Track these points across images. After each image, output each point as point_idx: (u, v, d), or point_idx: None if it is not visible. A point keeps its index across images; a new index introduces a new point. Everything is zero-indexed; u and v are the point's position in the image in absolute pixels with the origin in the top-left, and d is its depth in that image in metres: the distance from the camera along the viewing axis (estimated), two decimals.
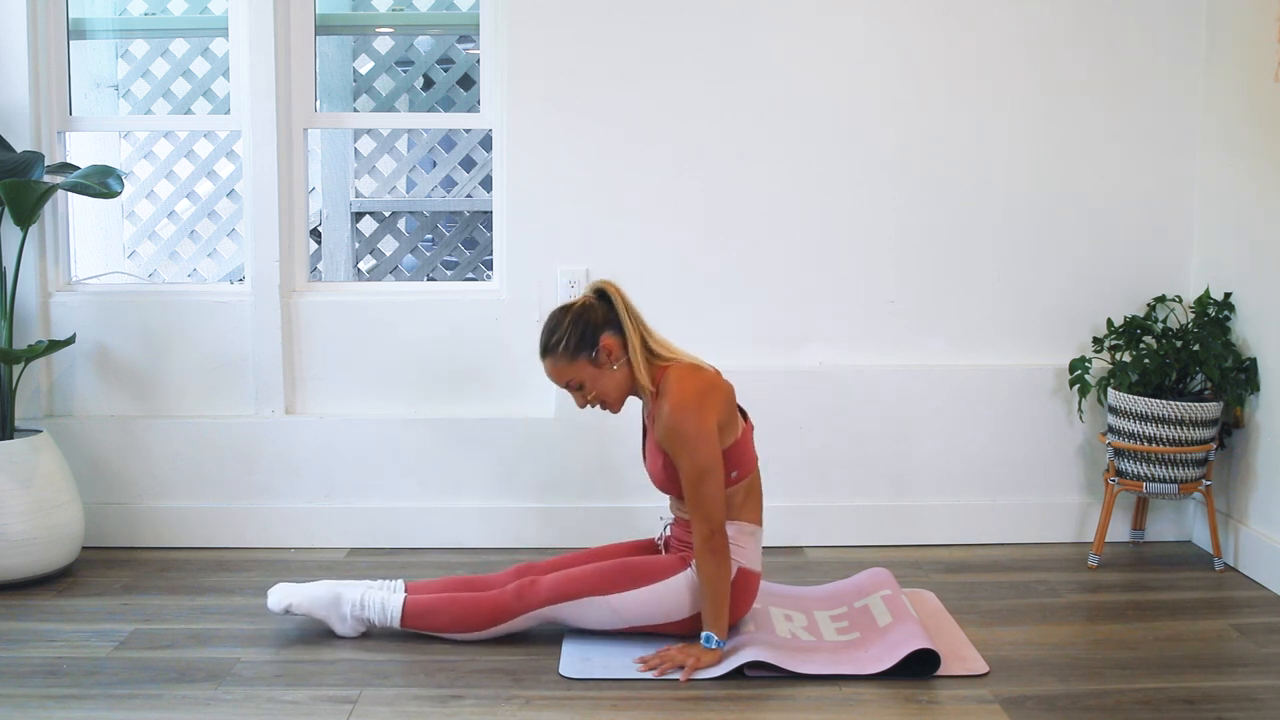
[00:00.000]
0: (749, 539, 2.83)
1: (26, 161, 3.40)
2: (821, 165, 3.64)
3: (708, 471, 2.67)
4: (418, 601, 2.87)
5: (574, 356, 2.76)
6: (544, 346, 2.79)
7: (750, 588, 2.83)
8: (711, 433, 2.69)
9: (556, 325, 2.78)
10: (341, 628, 2.91)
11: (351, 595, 2.90)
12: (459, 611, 2.85)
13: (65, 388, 3.70)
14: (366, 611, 2.88)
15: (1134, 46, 3.64)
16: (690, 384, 2.72)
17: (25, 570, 3.26)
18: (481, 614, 2.84)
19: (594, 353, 2.75)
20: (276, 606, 2.90)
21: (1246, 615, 3.11)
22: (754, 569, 2.83)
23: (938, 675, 2.70)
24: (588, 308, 2.78)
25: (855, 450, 3.69)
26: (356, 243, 6.18)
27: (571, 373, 2.78)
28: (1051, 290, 3.71)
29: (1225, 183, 3.56)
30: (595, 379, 2.78)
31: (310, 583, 2.95)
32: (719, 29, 3.59)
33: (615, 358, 2.76)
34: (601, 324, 2.76)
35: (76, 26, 3.83)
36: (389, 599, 2.88)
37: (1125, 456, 3.47)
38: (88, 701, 2.57)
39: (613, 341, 2.75)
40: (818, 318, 3.69)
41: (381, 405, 3.70)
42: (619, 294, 2.79)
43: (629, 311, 2.78)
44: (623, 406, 2.85)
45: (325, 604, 2.89)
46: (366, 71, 6.02)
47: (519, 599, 2.83)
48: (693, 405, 2.68)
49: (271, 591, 2.93)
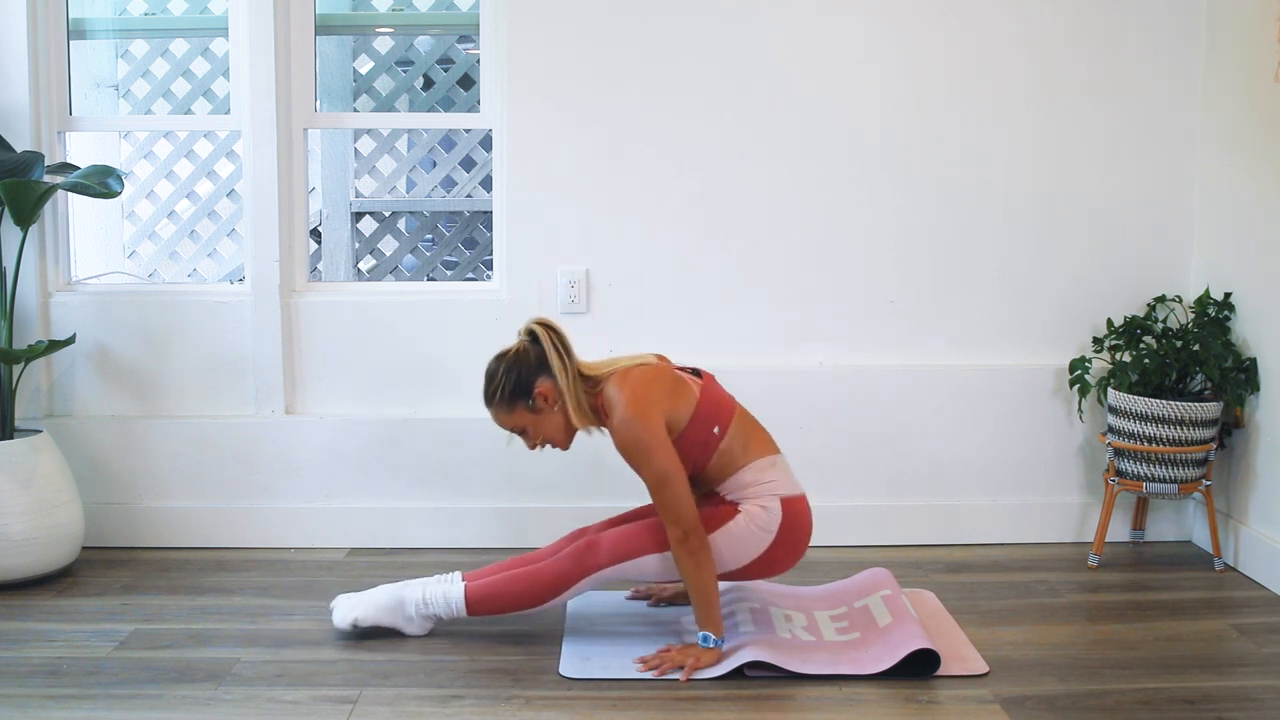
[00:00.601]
0: (772, 470, 2.83)
1: (26, 161, 3.40)
2: (822, 165, 3.65)
3: (667, 475, 2.67)
4: (479, 587, 2.86)
5: (512, 406, 2.79)
6: (485, 397, 2.82)
7: (803, 513, 2.83)
8: (660, 437, 2.69)
9: (493, 375, 2.80)
10: (410, 628, 2.90)
11: (413, 595, 2.89)
12: (521, 587, 2.83)
13: (65, 388, 3.70)
14: (431, 608, 2.87)
15: (1134, 46, 3.64)
16: (625, 394, 2.72)
17: (25, 570, 3.26)
18: (544, 585, 2.82)
19: (530, 400, 2.77)
20: (342, 622, 2.88)
21: (1246, 615, 3.11)
22: (796, 493, 2.84)
23: (938, 675, 2.70)
24: (520, 354, 2.79)
25: (855, 450, 3.69)
26: (356, 243, 6.18)
27: (513, 420, 2.81)
28: (1051, 290, 3.71)
29: (1225, 183, 3.56)
30: (537, 424, 2.81)
31: (368, 591, 2.93)
32: (719, 29, 3.59)
33: (552, 402, 2.78)
34: (535, 369, 2.77)
35: (76, 26, 3.83)
36: (450, 590, 2.87)
37: (1125, 456, 3.47)
38: (88, 701, 2.57)
39: (547, 386, 2.77)
40: (818, 318, 3.70)
41: (382, 405, 3.70)
42: (548, 334, 2.79)
43: (559, 351, 2.78)
44: (570, 443, 2.87)
45: (390, 610, 2.89)
46: (366, 71, 6.02)
47: (578, 564, 2.81)
48: (634, 414, 2.69)
49: (335, 607, 2.91)
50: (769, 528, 2.79)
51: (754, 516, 2.79)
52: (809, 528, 2.87)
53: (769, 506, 2.80)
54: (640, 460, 2.69)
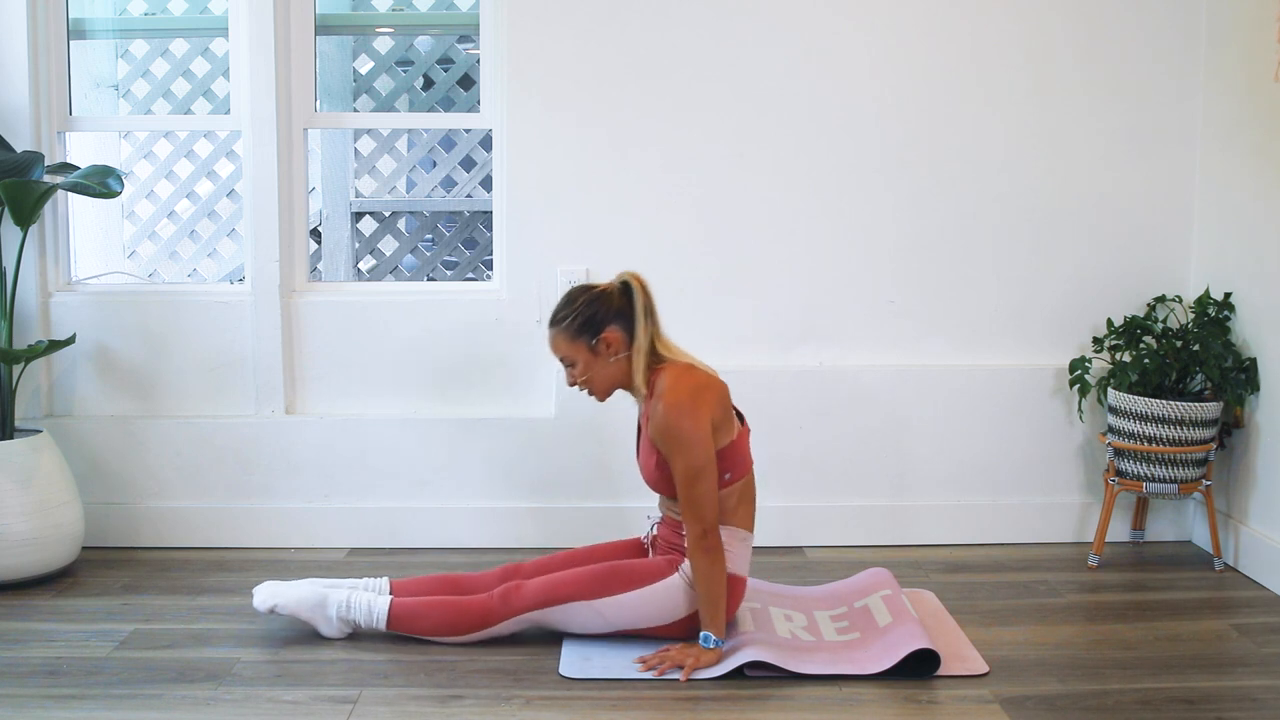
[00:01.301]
0: (740, 544, 2.82)
1: (26, 161, 3.40)
2: (822, 165, 3.65)
3: (701, 471, 2.67)
4: (404, 605, 2.86)
5: (575, 337, 2.78)
6: (552, 317, 2.82)
7: (736, 592, 2.82)
8: (706, 432, 2.69)
9: (570, 301, 2.80)
10: (327, 629, 2.90)
11: (337, 597, 2.89)
12: (445, 616, 2.84)
13: (65, 388, 3.70)
14: (352, 614, 2.88)
15: (1134, 46, 3.64)
16: (684, 383, 2.72)
17: (25, 570, 3.26)
18: (467, 619, 2.84)
19: (594, 340, 2.77)
20: (262, 606, 2.90)
21: (1246, 615, 3.11)
22: (741, 574, 2.83)
23: (938, 675, 2.70)
24: (606, 295, 2.79)
25: (855, 450, 3.69)
26: (356, 243, 6.18)
27: (568, 350, 2.80)
28: (1051, 290, 3.71)
29: (1225, 182, 3.56)
30: (589, 364, 2.79)
31: (296, 582, 2.94)
32: (719, 29, 3.59)
33: (614, 351, 2.77)
34: (612, 315, 2.77)
35: (76, 26, 3.83)
36: (375, 601, 2.87)
37: (1125, 456, 3.47)
38: (88, 701, 2.57)
39: (616, 336, 2.76)
40: (818, 318, 3.70)
41: (381, 405, 3.70)
42: (641, 290, 2.79)
43: (646, 310, 2.78)
44: (608, 398, 2.86)
45: (310, 605, 2.88)
46: (366, 71, 6.02)
47: (504, 604, 2.82)
48: (687, 404, 2.68)
49: (257, 590, 2.93)
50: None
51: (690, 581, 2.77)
52: (734, 611, 2.85)
53: None
54: (678, 449, 2.67)
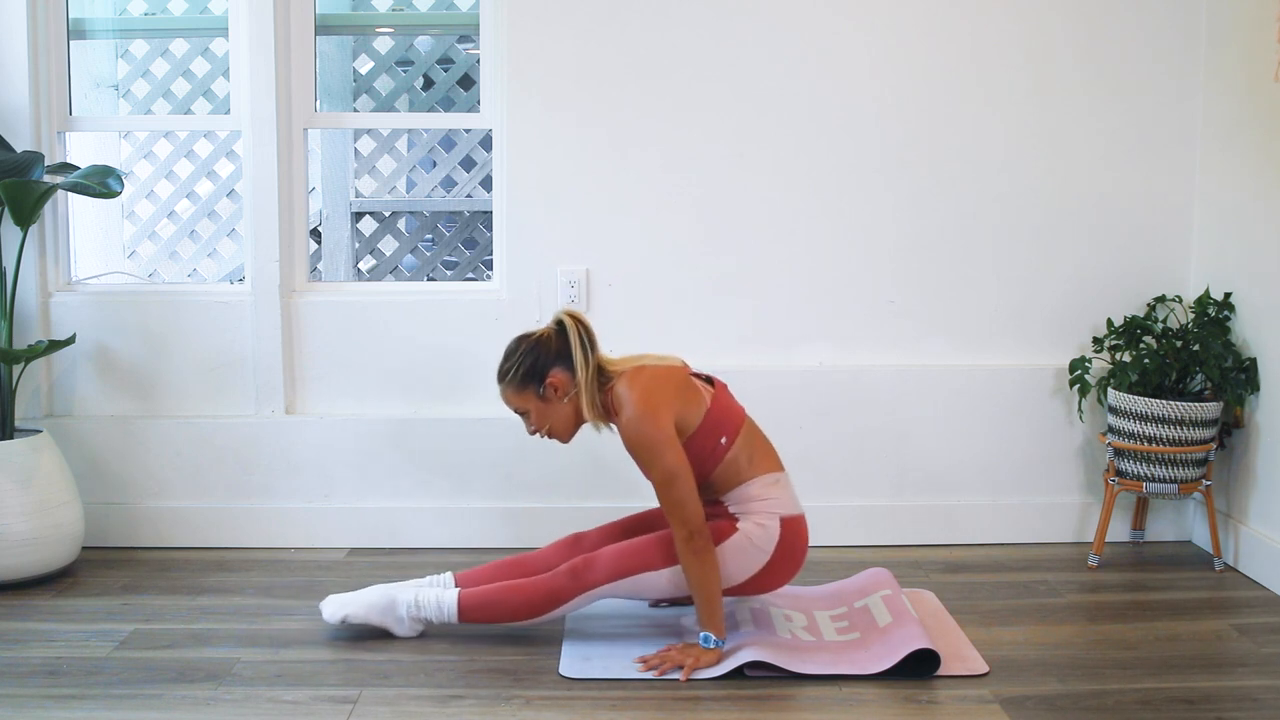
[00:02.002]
0: (776, 487, 2.82)
1: (26, 161, 3.40)
2: (822, 165, 3.64)
3: (674, 475, 2.67)
4: (472, 595, 2.85)
5: (522, 388, 2.78)
6: (498, 373, 2.83)
7: (800, 533, 2.82)
8: (669, 435, 2.69)
9: (511, 353, 2.81)
10: (400, 630, 2.90)
11: (405, 597, 2.88)
12: (516, 600, 2.82)
13: (65, 388, 3.70)
14: (423, 611, 2.87)
15: (1134, 46, 3.64)
16: (636, 390, 2.72)
17: (25, 570, 3.26)
18: (538, 600, 2.81)
19: (541, 388, 2.77)
20: (332, 618, 2.89)
21: (1246, 615, 3.11)
22: (796, 513, 2.83)
23: (938, 675, 2.70)
24: (543, 340, 2.79)
25: (855, 450, 3.69)
26: (356, 243, 6.18)
27: (519, 402, 2.81)
28: (1051, 290, 3.71)
29: (1225, 182, 3.56)
30: (542, 412, 2.80)
31: (362, 590, 2.93)
32: (719, 30, 3.59)
33: (563, 393, 2.77)
34: (553, 358, 2.77)
35: (76, 26, 3.83)
36: (443, 596, 2.86)
37: (1125, 456, 3.47)
38: (88, 701, 2.57)
39: (560, 378, 2.76)
40: (818, 318, 3.70)
41: (381, 405, 3.70)
42: (576, 326, 2.78)
43: (583, 345, 2.77)
44: (573, 438, 2.86)
45: (381, 609, 2.88)
46: (366, 71, 6.02)
47: (575, 580, 2.80)
48: (642, 411, 2.69)
49: (325, 604, 2.92)
50: (766, 546, 2.78)
51: (751, 534, 2.78)
52: (805, 548, 2.86)
53: (767, 525, 2.79)
54: (648, 459, 2.69)
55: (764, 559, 2.79)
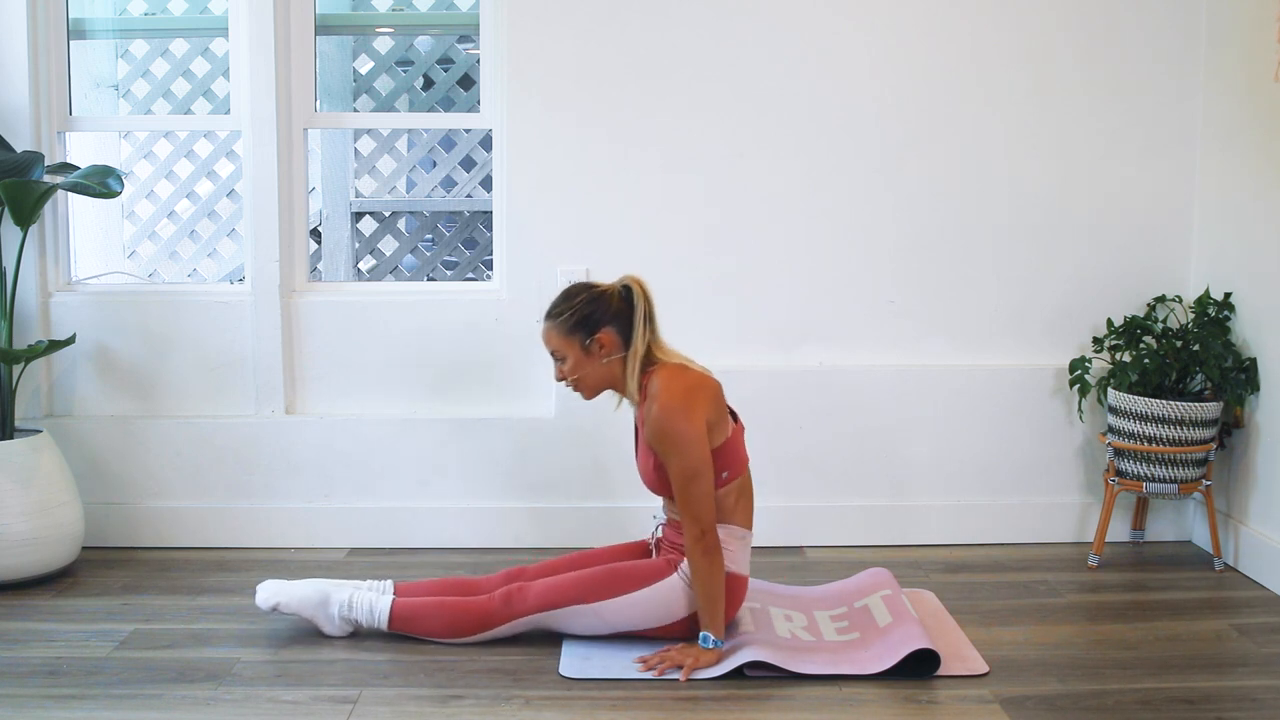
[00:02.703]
0: (738, 543, 2.82)
1: (26, 161, 3.40)
2: (822, 165, 3.65)
3: (697, 472, 2.67)
4: (405, 605, 2.87)
5: (569, 334, 2.77)
6: (549, 309, 2.82)
7: (737, 591, 2.82)
8: (700, 433, 2.68)
9: (569, 297, 2.80)
10: (329, 628, 2.90)
11: (340, 596, 2.89)
12: (446, 617, 2.85)
13: (65, 388, 3.70)
14: (354, 613, 2.88)
15: (1134, 46, 3.64)
16: (677, 384, 2.72)
17: (25, 570, 3.26)
18: (468, 620, 2.84)
19: (589, 340, 2.76)
20: (265, 604, 2.90)
21: (1246, 615, 3.11)
22: (742, 573, 2.83)
23: (938, 675, 2.70)
24: (606, 296, 2.79)
25: (855, 450, 3.69)
26: (356, 243, 6.18)
27: (560, 345, 2.79)
28: (1051, 290, 3.71)
29: (1225, 182, 3.56)
30: (579, 363, 2.79)
31: (299, 581, 2.94)
32: (719, 30, 3.59)
33: (607, 353, 2.77)
34: (609, 317, 2.76)
35: (76, 26, 3.83)
36: (377, 601, 2.88)
37: (1125, 456, 3.47)
38: (88, 701, 2.57)
39: (610, 338, 2.76)
40: (818, 318, 3.69)
41: (381, 405, 3.70)
42: (643, 295, 2.79)
43: (645, 316, 2.77)
44: (595, 397, 2.86)
45: (313, 604, 2.89)
46: (366, 71, 6.02)
47: (506, 606, 2.83)
48: (680, 405, 2.68)
49: (260, 588, 2.93)
50: None
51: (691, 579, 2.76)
52: (735, 609, 2.84)
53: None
54: (674, 451, 2.67)
55: (692, 609, 2.78)
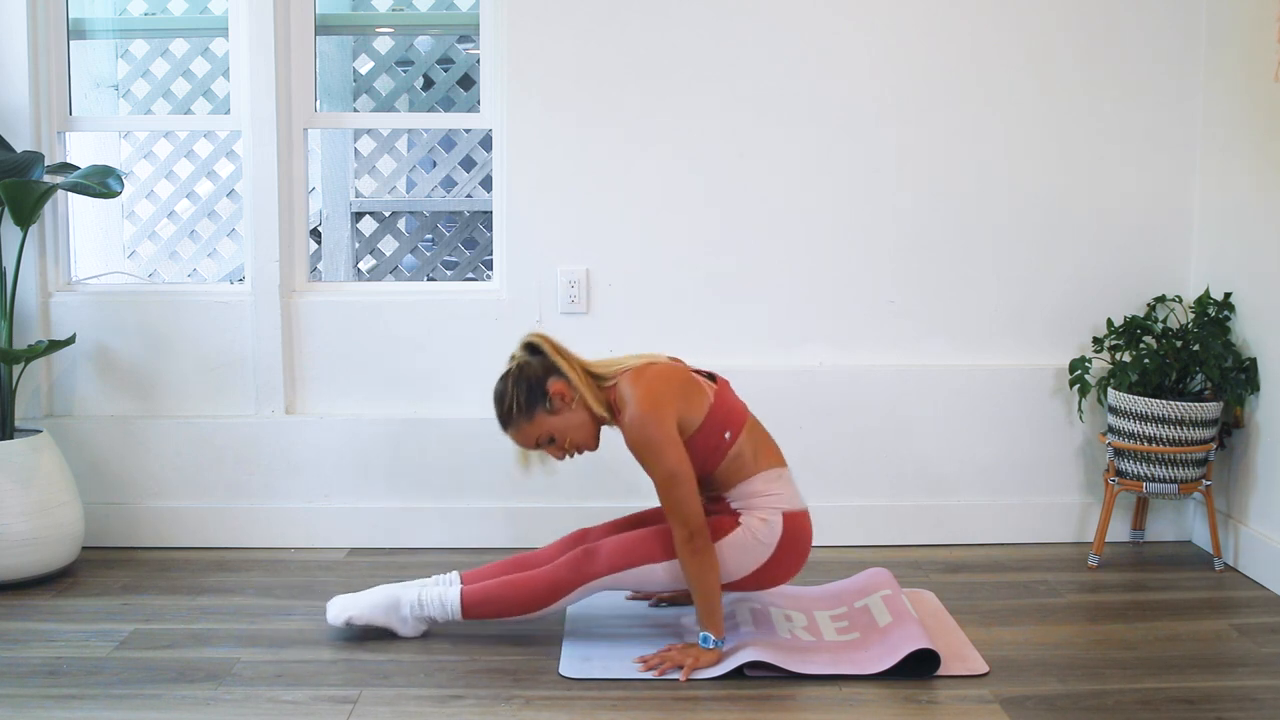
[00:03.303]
0: (779, 483, 2.82)
1: (26, 161, 3.40)
2: (822, 165, 3.64)
3: (676, 476, 2.66)
4: (475, 591, 2.85)
5: (531, 414, 2.76)
6: (501, 420, 2.80)
7: (804, 528, 2.82)
8: (671, 436, 2.68)
9: (503, 394, 2.79)
10: (404, 630, 2.90)
11: (409, 596, 2.88)
12: (518, 594, 2.82)
13: (65, 388, 3.70)
14: (426, 610, 2.87)
15: (1134, 46, 3.64)
16: (639, 390, 2.72)
17: (25, 570, 3.26)
18: (540, 592, 2.81)
19: (548, 402, 2.76)
20: (336, 620, 2.88)
21: (1246, 615, 3.11)
22: (799, 508, 2.83)
23: (938, 675, 2.70)
24: (523, 366, 2.79)
25: (855, 450, 3.69)
26: (356, 243, 6.18)
27: (536, 430, 2.78)
28: (1051, 290, 3.71)
29: (1225, 183, 3.56)
30: (561, 427, 2.78)
31: (366, 591, 2.93)
32: (719, 29, 3.59)
33: (569, 399, 2.77)
34: (543, 374, 2.77)
35: (76, 26, 3.83)
36: (446, 593, 2.86)
37: (1125, 456, 3.47)
38: (88, 701, 2.57)
39: (560, 385, 2.76)
40: (818, 318, 3.70)
41: (381, 405, 3.70)
42: (545, 340, 2.80)
43: (560, 352, 2.78)
44: (599, 441, 2.85)
45: (385, 610, 2.88)
46: (366, 71, 6.02)
47: (575, 571, 2.80)
48: (647, 411, 2.68)
49: (330, 605, 2.91)
50: (769, 541, 2.78)
51: (754, 529, 2.78)
52: (809, 543, 2.86)
53: (770, 520, 2.79)
54: (650, 458, 2.68)
55: (767, 554, 2.79)
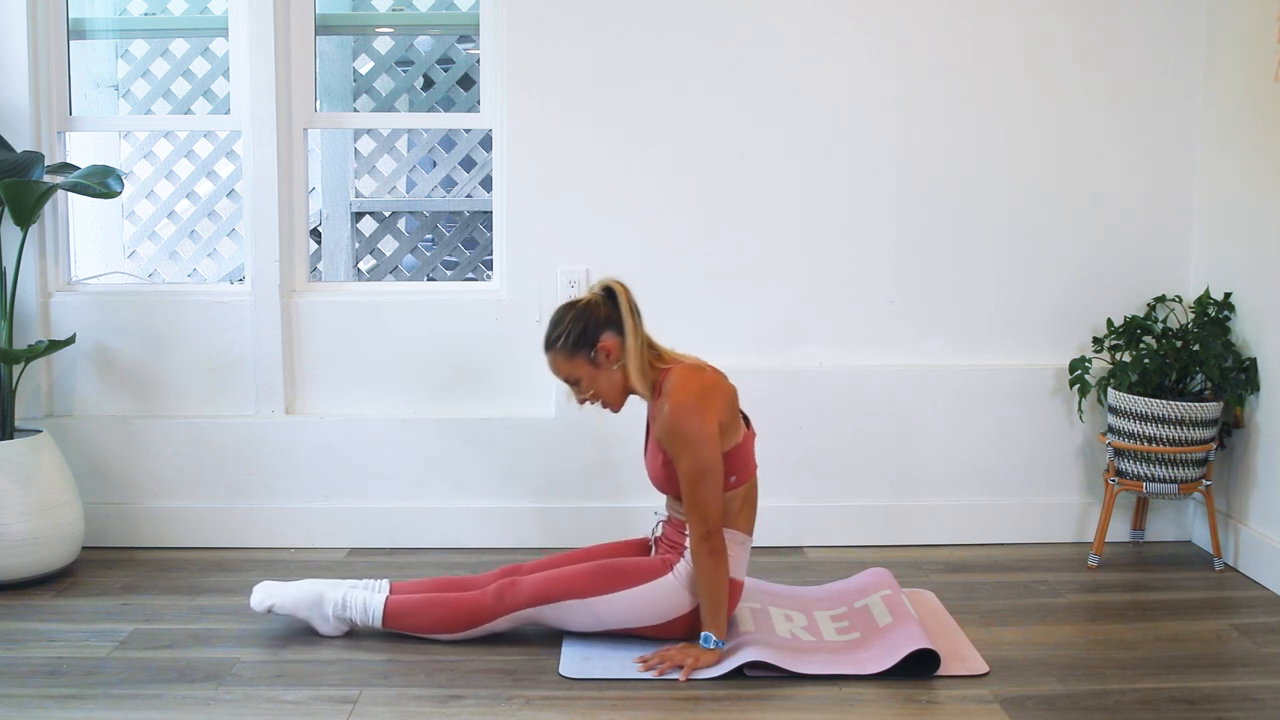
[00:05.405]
0: (739, 548, 2.82)
1: (26, 161, 3.40)
2: (822, 165, 3.65)
3: (707, 472, 2.66)
4: (399, 602, 2.87)
5: (572, 354, 2.76)
6: (546, 341, 2.81)
7: (733, 596, 2.82)
8: (712, 433, 2.68)
9: (559, 321, 2.79)
10: (324, 627, 2.90)
11: (334, 595, 2.89)
12: (439, 613, 2.84)
13: (65, 388, 3.70)
14: (348, 612, 2.88)
15: (1134, 46, 3.64)
16: (692, 384, 2.72)
17: (25, 570, 3.26)
18: (461, 615, 2.84)
19: (592, 352, 2.76)
20: (259, 606, 2.90)
21: (1246, 615, 3.11)
22: (739, 578, 2.83)
23: (938, 675, 2.70)
24: (591, 305, 2.78)
25: (855, 450, 3.69)
26: (356, 243, 6.18)
27: (569, 369, 2.79)
28: (1052, 290, 3.71)
29: (1225, 183, 3.56)
30: (592, 377, 2.78)
31: (294, 582, 2.94)
32: (719, 29, 3.59)
33: (614, 359, 2.76)
34: (603, 323, 2.76)
35: (76, 26, 3.83)
36: (371, 599, 2.87)
37: (1125, 456, 3.47)
38: (88, 701, 2.57)
39: (612, 342, 2.75)
40: (818, 318, 3.69)
41: (381, 405, 3.70)
42: (625, 294, 2.79)
43: (632, 312, 2.77)
44: (623, 406, 2.85)
45: (308, 604, 2.89)
46: (366, 71, 6.02)
47: (498, 600, 2.82)
48: (694, 405, 2.68)
49: (255, 590, 2.93)
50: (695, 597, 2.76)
51: (685, 581, 2.77)
52: (730, 613, 2.84)
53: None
54: (684, 449, 2.67)
55: (686, 608, 2.78)
